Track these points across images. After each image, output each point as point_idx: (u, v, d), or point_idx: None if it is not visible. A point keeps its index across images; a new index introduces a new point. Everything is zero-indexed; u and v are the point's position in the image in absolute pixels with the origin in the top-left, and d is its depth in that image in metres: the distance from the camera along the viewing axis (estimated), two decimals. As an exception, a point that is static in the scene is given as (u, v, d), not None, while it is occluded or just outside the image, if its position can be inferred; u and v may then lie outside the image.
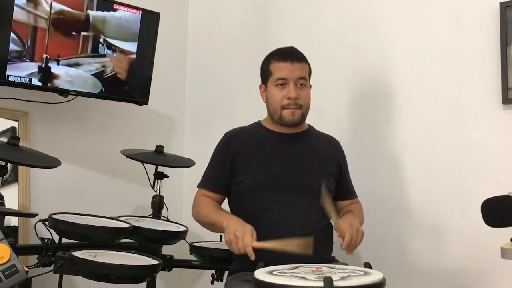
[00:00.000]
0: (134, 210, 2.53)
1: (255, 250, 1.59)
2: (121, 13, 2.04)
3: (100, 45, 1.95)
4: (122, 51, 2.07)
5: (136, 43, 2.33)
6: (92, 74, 2.11)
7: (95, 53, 1.93)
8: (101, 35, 1.91)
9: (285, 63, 1.84)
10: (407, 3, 2.32)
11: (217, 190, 1.90)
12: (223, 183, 1.89)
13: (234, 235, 1.62)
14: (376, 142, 2.35)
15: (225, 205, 1.93)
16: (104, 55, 1.98)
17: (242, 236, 1.61)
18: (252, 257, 1.58)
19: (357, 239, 1.69)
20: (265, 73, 1.90)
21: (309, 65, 1.90)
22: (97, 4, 1.89)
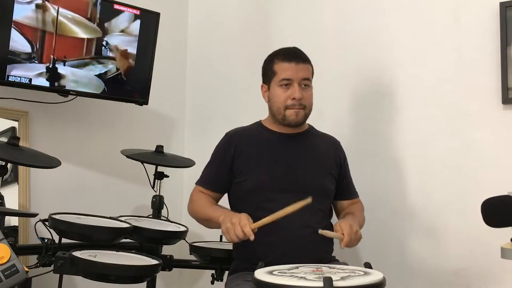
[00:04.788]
0: (134, 210, 2.53)
1: (256, 245, 1.59)
2: (123, 16, 2.12)
3: (103, 47, 2.05)
4: (124, 51, 2.17)
5: (136, 43, 2.35)
6: (95, 75, 2.16)
7: (98, 55, 2.06)
8: (104, 38, 2.02)
9: (290, 64, 1.84)
10: (407, 3, 2.32)
11: (215, 188, 1.90)
12: (222, 182, 1.89)
13: (230, 222, 1.61)
14: (376, 142, 2.35)
15: (226, 204, 1.93)
16: (106, 57, 2.08)
17: (238, 221, 1.59)
18: (252, 237, 1.57)
19: (355, 241, 1.69)
20: (268, 73, 1.90)
21: (312, 66, 1.91)
22: (100, 10, 2.01)
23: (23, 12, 1.81)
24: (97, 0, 2.03)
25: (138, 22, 2.30)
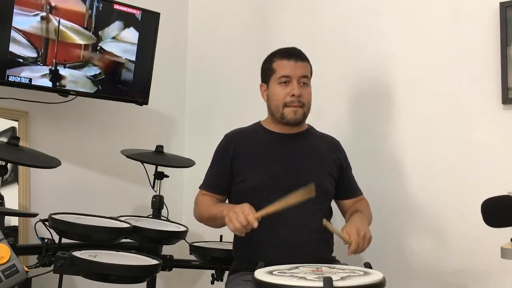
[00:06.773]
0: (134, 210, 2.53)
1: (256, 245, 1.59)
2: (114, 25, 2.33)
3: (97, 52, 2.29)
4: (114, 55, 2.36)
5: (136, 43, 2.36)
6: (91, 76, 2.28)
7: (94, 59, 2.30)
8: (98, 44, 2.29)
9: (288, 61, 1.85)
10: (407, 3, 2.32)
11: (218, 191, 1.90)
12: (224, 184, 1.89)
13: (233, 211, 1.60)
14: (376, 142, 2.35)
15: (225, 205, 1.93)
16: (99, 60, 2.31)
17: (241, 210, 1.59)
18: (255, 224, 1.56)
19: (364, 245, 1.68)
20: (267, 72, 1.90)
21: (311, 65, 1.91)
22: (95, 21, 2.27)
23: (29, 23, 2.08)
24: (92, 12, 2.25)
25: (130, 29, 2.37)
